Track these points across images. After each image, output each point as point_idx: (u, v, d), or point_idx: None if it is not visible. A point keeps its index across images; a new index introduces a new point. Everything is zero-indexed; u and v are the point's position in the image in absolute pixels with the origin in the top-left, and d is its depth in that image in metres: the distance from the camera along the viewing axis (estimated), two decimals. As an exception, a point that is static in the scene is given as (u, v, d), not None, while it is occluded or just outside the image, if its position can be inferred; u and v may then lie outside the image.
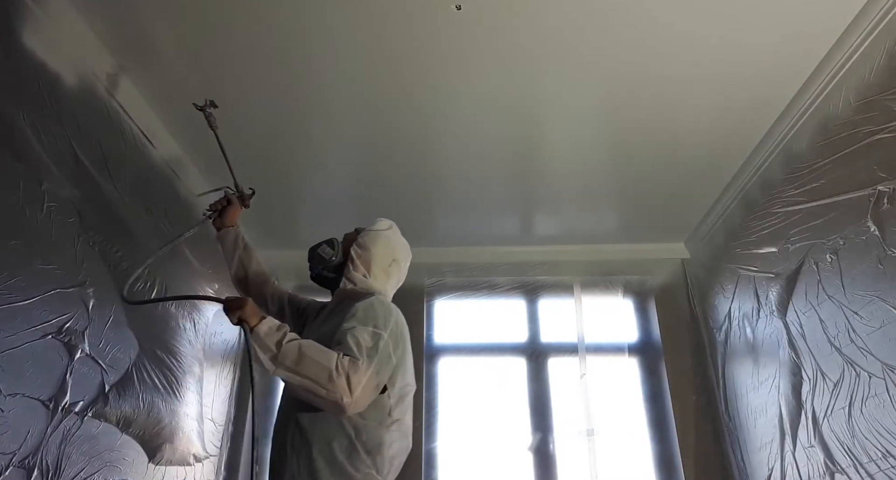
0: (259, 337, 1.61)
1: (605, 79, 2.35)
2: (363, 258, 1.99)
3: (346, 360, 1.60)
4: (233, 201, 2.33)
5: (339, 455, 1.64)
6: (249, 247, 2.32)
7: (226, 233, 2.30)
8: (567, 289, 3.70)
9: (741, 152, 2.83)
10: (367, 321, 1.74)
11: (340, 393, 1.55)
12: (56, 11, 1.96)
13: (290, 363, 1.57)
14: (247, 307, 1.64)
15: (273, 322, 1.66)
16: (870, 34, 2.04)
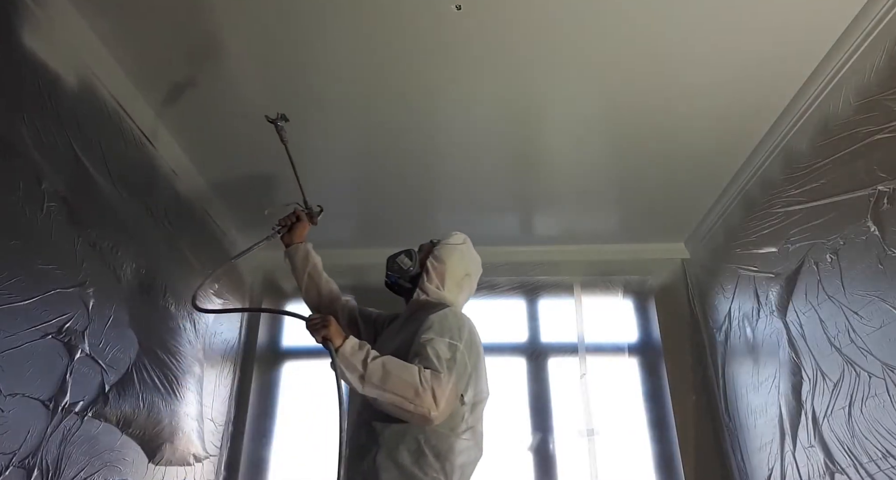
0: (345, 357, 1.66)
1: (605, 79, 2.35)
2: (438, 270, 2.04)
3: (429, 373, 1.65)
4: (302, 218, 2.39)
5: (407, 459, 1.67)
6: (319, 263, 2.37)
7: (295, 249, 2.36)
8: (567, 289, 3.70)
9: (741, 152, 2.83)
10: (444, 332, 1.79)
11: (428, 408, 1.62)
12: (56, 12, 1.96)
13: (377, 380, 1.63)
14: (331, 327, 1.70)
15: (355, 341, 1.71)
16: (870, 34, 2.04)
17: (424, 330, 1.80)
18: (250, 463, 3.33)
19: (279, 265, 3.75)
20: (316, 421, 3.43)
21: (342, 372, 1.66)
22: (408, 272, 2.09)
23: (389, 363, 1.67)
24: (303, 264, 2.34)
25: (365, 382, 1.64)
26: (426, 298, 2.02)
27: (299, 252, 2.35)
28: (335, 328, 1.71)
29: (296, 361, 3.68)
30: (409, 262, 2.09)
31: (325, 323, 1.71)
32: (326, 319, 1.72)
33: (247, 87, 2.39)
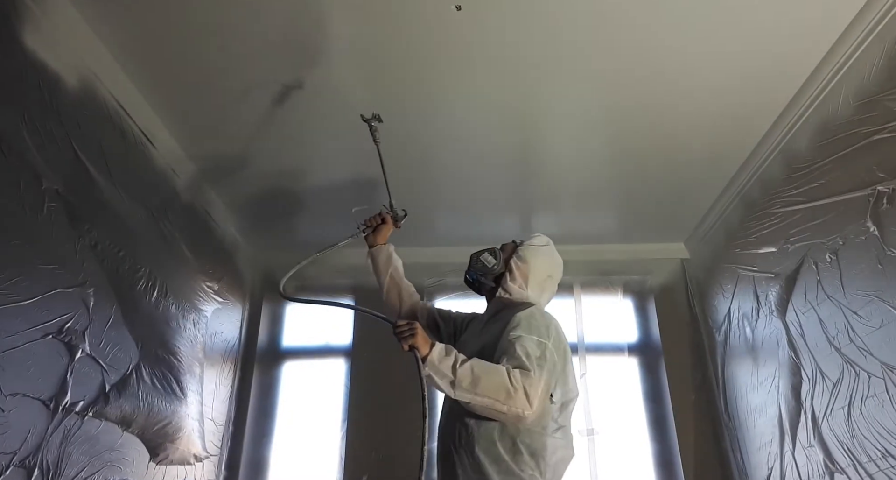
0: (433, 364, 1.67)
1: (605, 79, 2.35)
2: (522, 270, 2.03)
3: (518, 373, 1.65)
4: (387, 220, 2.42)
5: (505, 455, 1.69)
6: (400, 266, 2.39)
7: (379, 250, 2.40)
8: (567, 289, 3.70)
9: (741, 153, 2.84)
10: (532, 330, 1.79)
11: (521, 408, 1.62)
12: (56, 11, 1.96)
13: (468, 385, 1.63)
14: (419, 336, 1.69)
15: (441, 347, 1.71)
16: (869, 34, 2.04)
17: (512, 328, 1.80)
18: (250, 463, 3.33)
19: (279, 265, 3.77)
20: (316, 421, 3.44)
21: (431, 379, 1.67)
22: (491, 271, 2.08)
23: (478, 366, 1.67)
24: (385, 265, 2.37)
25: (456, 387, 1.64)
26: (509, 297, 2.01)
27: (382, 253, 2.38)
28: (422, 336, 1.71)
29: (296, 361, 3.68)
30: (493, 260, 2.08)
31: (413, 331, 1.70)
32: (413, 327, 1.71)
33: (247, 87, 2.39)
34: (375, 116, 2.23)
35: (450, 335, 2.23)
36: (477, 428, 1.74)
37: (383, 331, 3.60)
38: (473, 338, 2.03)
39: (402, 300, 2.34)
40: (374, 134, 2.25)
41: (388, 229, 2.43)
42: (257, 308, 3.68)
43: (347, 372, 3.53)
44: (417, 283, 3.70)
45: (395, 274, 2.37)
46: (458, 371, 1.64)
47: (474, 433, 1.74)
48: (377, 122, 2.23)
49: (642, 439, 3.36)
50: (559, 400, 1.81)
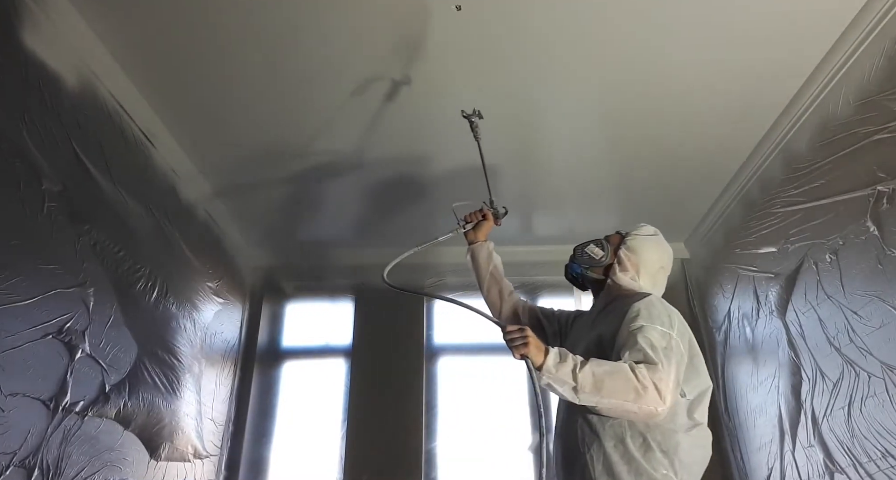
0: (550, 373, 1.57)
1: (605, 79, 2.35)
2: (632, 261, 1.92)
3: (644, 369, 1.54)
4: (488, 217, 2.34)
5: (636, 453, 1.59)
6: (500, 263, 2.30)
7: (479, 247, 2.30)
8: (567, 289, 3.70)
9: (741, 153, 2.84)
10: (653, 320, 1.67)
11: (654, 405, 1.52)
12: (56, 11, 1.96)
13: (591, 389, 1.53)
14: (531, 345, 1.60)
15: (555, 353, 1.60)
16: (869, 34, 2.04)
17: (631, 319, 1.68)
18: (250, 463, 3.33)
19: (279, 265, 3.78)
20: (316, 421, 3.44)
21: (551, 387, 1.58)
22: (599, 262, 1.96)
23: (598, 367, 1.55)
24: (486, 262, 2.28)
25: (579, 392, 1.54)
26: (621, 289, 1.89)
27: (483, 250, 2.29)
28: (535, 343, 1.60)
29: (296, 361, 3.68)
30: (600, 252, 1.97)
31: (525, 340, 1.60)
32: (526, 334, 1.61)
33: (246, 87, 2.39)
34: (476, 111, 2.17)
35: (554, 333, 2.13)
36: (602, 426, 1.64)
37: (383, 331, 3.65)
38: (583, 335, 1.93)
39: (502, 299, 2.24)
40: (475, 130, 2.19)
41: (488, 225, 2.34)
42: (257, 308, 3.69)
43: (347, 372, 3.53)
44: (417, 283, 3.73)
45: (496, 272, 2.27)
46: (579, 376, 1.54)
47: (599, 431, 1.64)
48: (478, 118, 2.18)
49: (642, 439, 3.35)
50: (690, 395, 1.68)
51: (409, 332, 3.60)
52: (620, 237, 2.00)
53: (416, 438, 3.32)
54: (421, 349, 3.55)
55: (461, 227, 2.33)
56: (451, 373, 3.55)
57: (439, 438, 3.36)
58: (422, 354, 3.53)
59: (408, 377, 3.47)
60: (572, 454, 1.69)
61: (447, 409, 3.44)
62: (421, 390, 3.43)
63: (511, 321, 2.13)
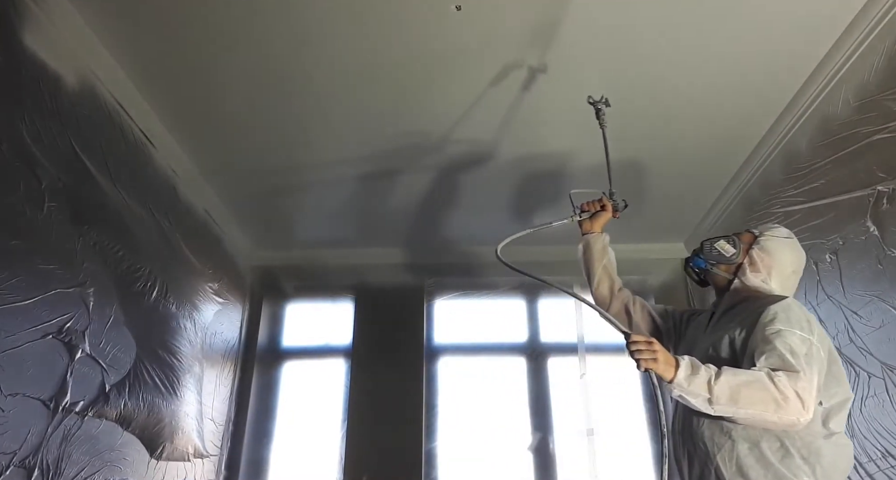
0: (682, 387, 1.52)
1: (605, 78, 2.35)
2: (765, 263, 1.81)
3: (784, 377, 1.47)
4: (607, 207, 2.25)
5: (772, 457, 1.52)
6: (614, 257, 2.22)
7: (595, 238, 2.22)
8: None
9: (741, 153, 2.84)
10: (792, 324, 1.59)
11: (796, 416, 1.45)
12: (56, 12, 1.96)
13: (727, 401, 1.48)
14: (660, 361, 1.54)
15: (686, 364, 1.53)
16: (869, 34, 2.04)
17: (767, 322, 1.59)
18: (250, 463, 3.33)
19: (279, 265, 3.78)
20: (316, 421, 3.44)
21: (682, 399, 1.53)
22: (728, 260, 1.85)
23: (734, 378, 1.49)
24: (600, 254, 2.20)
25: (714, 404, 1.49)
26: (750, 290, 1.79)
27: (598, 242, 2.21)
28: (664, 359, 1.54)
29: (296, 361, 3.68)
30: (732, 249, 1.86)
31: (654, 355, 1.54)
32: (654, 348, 1.55)
33: (246, 87, 2.39)
34: (604, 99, 2.12)
35: (668, 331, 2.04)
36: (734, 428, 1.57)
37: (383, 331, 3.65)
38: (702, 335, 1.84)
39: (612, 294, 2.15)
40: (602, 118, 2.13)
41: (606, 216, 2.24)
42: (257, 308, 3.69)
43: (347, 372, 3.53)
44: (418, 283, 3.73)
45: (609, 266, 2.19)
46: (715, 389, 1.47)
47: (732, 432, 1.58)
48: (605, 105, 2.13)
49: (642, 439, 3.36)
50: (827, 403, 1.58)
51: (409, 332, 3.59)
52: (753, 237, 1.88)
53: (416, 438, 3.32)
54: (421, 349, 3.55)
55: (577, 215, 2.23)
56: (451, 373, 3.55)
57: (439, 438, 3.36)
58: (422, 354, 3.53)
59: (408, 377, 3.47)
60: (699, 456, 1.63)
61: (447, 409, 3.44)
62: (421, 390, 3.43)
63: (620, 317, 2.05)
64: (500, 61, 2.27)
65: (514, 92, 2.41)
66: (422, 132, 2.70)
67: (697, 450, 1.65)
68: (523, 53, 2.22)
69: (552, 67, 2.28)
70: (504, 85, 2.38)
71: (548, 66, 2.27)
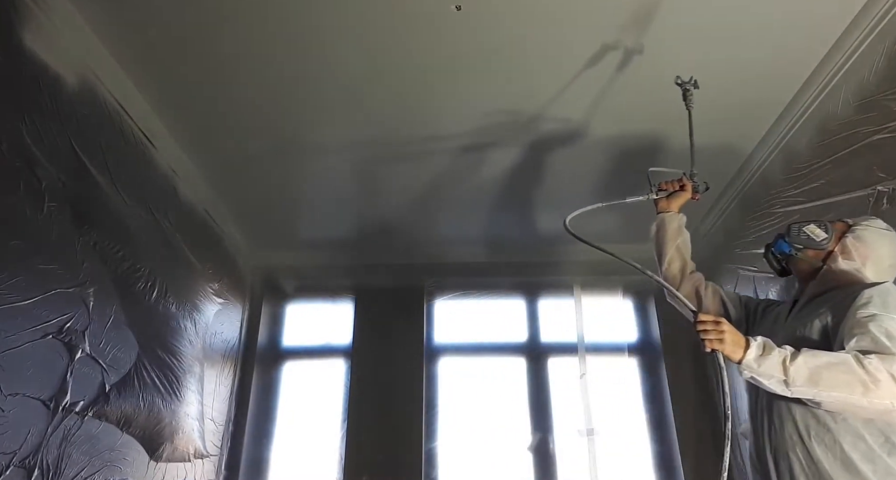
0: (752, 368, 1.46)
1: (605, 78, 2.35)
2: (860, 252, 1.70)
3: (875, 359, 1.38)
4: (687, 188, 2.15)
5: (881, 452, 1.44)
6: (689, 239, 2.13)
7: (671, 217, 2.12)
8: (567, 289, 3.71)
9: (741, 153, 2.83)
10: (889, 309, 1.49)
11: (890, 399, 1.37)
12: (56, 11, 1.96)
13: (805, 382, 1.41)
14: (727, 342, 1.48)
15: (758, 345, 1.47)
16: (870, 34, 2.04)
17: (861, 306, 1.51)
18: (250, 463, 3.33)
19: (279, 265, 3.78)
20: (316, 421, 3.44)
21: (755, 381, 1.48)
22: (818, 246, 1.74)
23: (813, 359, 1.42)
24: (675, 234, 2.10)
25: (790, 386, 1.43)
26: (840, 278, 1.70)
27: (674, 221, 2.11)
28: (732, 340, 1.48)
29: (296, 361, 3.69)
30: (823, 234, 1.75)
31: (721, 336, 1.49)
32: (722, 329, 1.49)
33: (246, 87, 2.39)
34: (693, 80, 2.08)
35: (739, 320, 1.96)
36: (833, 419, 1.49)
37: (383, 331, 3.65)
38: (783, 324, 1.76)
39: (683, 276, 2.06)
40: (689, 99, 2.09)
41: (684, 197, 2.15)
42: (257, 308, 3.69)
43: (347, 372, 3.53)
44: (417, 283, 3.73)
45: (683, 247, 2.10)
46: (791, 370, 1.41)
47: (831, 425, 1.48)
48: (693, 87, 2.08)
49: (642, 439, 3.36)
50: None
51: (409, 332, 3.60)
52: (846, 225, 1.77)
53: (416, 438, 3.32)
54: (421, 349, 3.55)
55: (653, 193, 2.14)
56: (451, 373, 3.55)
57: (439, 438, 3.36)
58: (422, 354, 3.53)
59: (408, 377, 3.47)
60: (793, 452, 1.54)
61: (447, 409, 3.44)
62: (421, 390, 3.43)
63: (690, 300, 1.95)
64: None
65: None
66: (429, 131, 2.70)
67: (789, 446, 1.55)
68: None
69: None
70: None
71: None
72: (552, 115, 2.57)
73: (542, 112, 2.56)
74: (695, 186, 2.16)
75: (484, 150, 2.82)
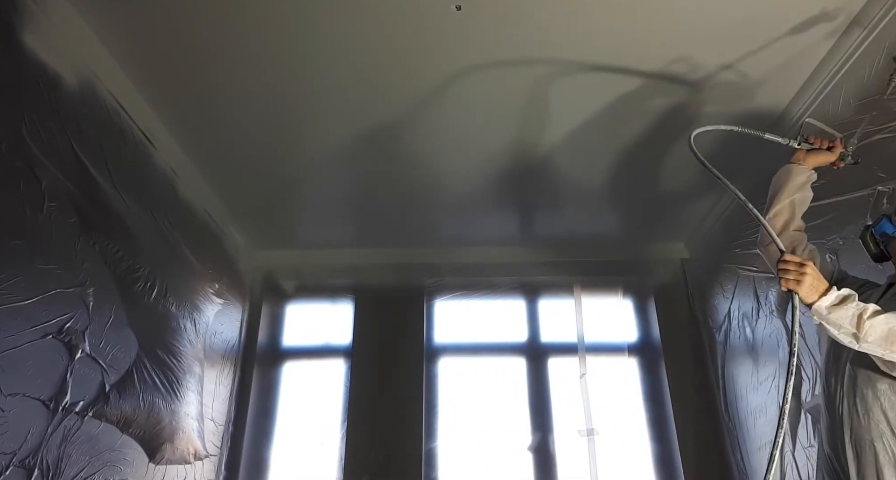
0: (822, 314, 1.45)
1: (606, 78, 2.35)
2: None
3: None
4: (835, 150, 1.97)
5: None
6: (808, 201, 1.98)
7: (800, 170, 1.94)
8: (567, 289, 3.70)
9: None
10: None
11: None
12: (57, 12, 1.96)
13: (878, 339, 1.39)
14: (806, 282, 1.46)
15: (838, 294, 1.45)
16: (869, 34, 2.04)
17: None
18: (250, 463, 3.33)
19: (279, 265, 3.78)
20: (316, 421, 3.44)
21: (823, 328, 1.46)
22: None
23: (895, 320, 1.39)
24: (795, 187, 1.94)
25: (860, 340, 1.40)
26: None
27: (801, 175, 1.95)
28: (811, 283, 1.46)
29: (296, 361, 3.68)
30: None
31: (800, 277, 1.47)
32: (804, 269, 1.47)
33: (247, 87, 2.39)
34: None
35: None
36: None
37: (383, 331, 3.65)
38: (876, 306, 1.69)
39: (785, 230, 1.92)
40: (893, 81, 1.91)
41: (826, 157, 1.97)
42: (257, 308, 3.69)
43: (347, 372, 3.53)
44: (417, 283, 3.73)
45: (800, 202, 1.94)
46: (865, 324, 1.39)
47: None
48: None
49: (642, 439, 3.36)
50: None
51: (409, 332, 3.60)
52: None
53: (416, 438, 3.32)
54: (421, 349, 3.55)
55: (796, 140, 1.97)
56: (451, 373, 3.55)
57: (439, 438, 3.36)
58: (422, 354, 3.53)
59: (408, 377, 3.47)
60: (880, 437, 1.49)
61: (447, 409, 3.44)
62: (421, 390, 3.43)
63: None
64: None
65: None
66: (430, 130, 2.69)
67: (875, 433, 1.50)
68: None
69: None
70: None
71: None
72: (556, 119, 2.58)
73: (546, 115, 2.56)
74: (843, 153, 2.00)
75: (484, 149, 2.82)
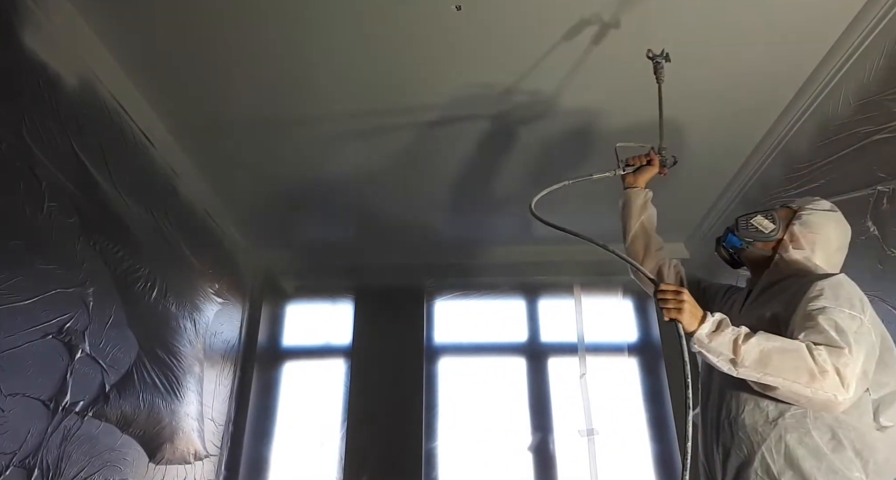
0: (703, 343, 1.43)
1: (606, 78, 2.35)
2: (808, 239, 1.67)
3: (825, 351, 1.37)
4: (654, 163, 2.11)
5: (825, 448, 1.42)
6: (655, 216, 2.12)
7: (636, 193, 2.11)
8: (567, 289, 3.71)
9: (741, 153, 2.83)
10: (841, 301, 1.47)
11: (833, 392, 1.34)
12: (57, 12, 1.96)
13: (753, 363, 1.39)
14: (685, 311, 1.45)
15: (714, 320, 1.46)
16: (869, 35, 2.04)
17: (812, 298, 1.48)
18: (250, 463, 3.33)
19: (279, 265, 3.78)
20: (316, 421, 3.44)
21: (703, 356, 1.45)
22: (768, 237, 1.72)
23: (767, 343, 1.40)
24: (639, 210, 2.10)
25: (738, 366, 1.40)
26: (791, 267, 1.67)
27: (639, 197, 2.11)
28: (690, 310, 1.45)
29: (296, 361, 3.69)
30: (771, 225, 1.72)
31: (679, 305, 1.46)
32: (681, 298, 1.47)
33: (247, 87, 2.39)
34: (665, 53, 2.01)
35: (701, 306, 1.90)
36: (780, 415, 1.47)
37: (383, 331, 3.65)
38: (736, 313, 1.73)
39: (647, 253, 2.05)
40: (659, 72, 2.03)
41: (651, 172, 2.12)
42: (257, 308, 3.69)
43: (347, 372, 3.53)
44: (417, 283, 3.73)
45: (648, 223, 2.10)
46: (741, 349, 1.39)
47: (778, 421, 1.46)
48: (665, 60, 2.02)
49: (642, 439, 3.36)
50: (876, 393, 1.47)
51: (409, 332, 3.60)
52: (792, 211, 1.75)
53: (416, 438, 3.32)
54: (421, 349, 3.55)
55: (620, 168, 2.12)
56: (451, 373, 3.55)
57: (439, 438, 3.36)
58: (422, 354, 3.53)
59: (408, 377, 3.47)
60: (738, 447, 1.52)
61: (447, 409, 3.44)
62: (421, 390, 3.43)
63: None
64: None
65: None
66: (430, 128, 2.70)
67: (736, 441, 1.53)
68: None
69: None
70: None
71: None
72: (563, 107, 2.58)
73: (551, 106, 2.56)
74: (662, 160, 2.13)
75: (485, 149, 2.82)
